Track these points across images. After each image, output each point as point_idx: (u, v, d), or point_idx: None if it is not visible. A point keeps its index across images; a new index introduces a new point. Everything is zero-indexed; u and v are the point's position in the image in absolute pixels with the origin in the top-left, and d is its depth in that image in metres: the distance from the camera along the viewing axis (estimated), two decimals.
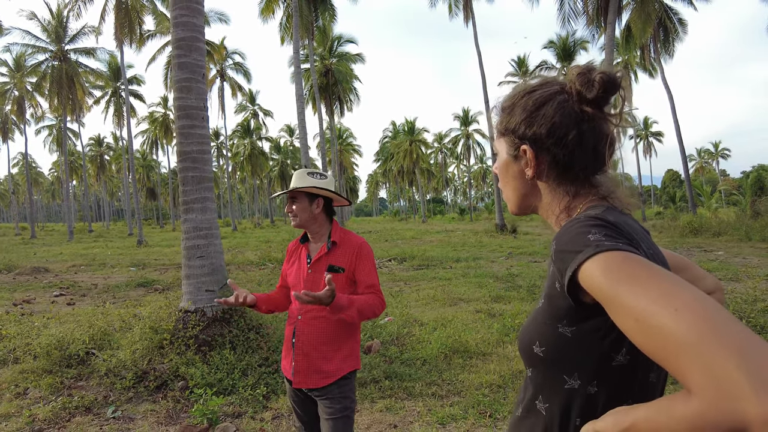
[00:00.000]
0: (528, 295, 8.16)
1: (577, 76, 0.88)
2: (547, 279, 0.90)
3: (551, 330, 0.85)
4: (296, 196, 2.27)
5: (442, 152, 67.76)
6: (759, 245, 15.53)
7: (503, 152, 0.98)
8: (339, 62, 32.24)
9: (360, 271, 2.22)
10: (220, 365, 4.43)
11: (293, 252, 2.42)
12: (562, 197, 0.93)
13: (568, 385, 0.85)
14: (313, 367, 2.19)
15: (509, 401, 3.92)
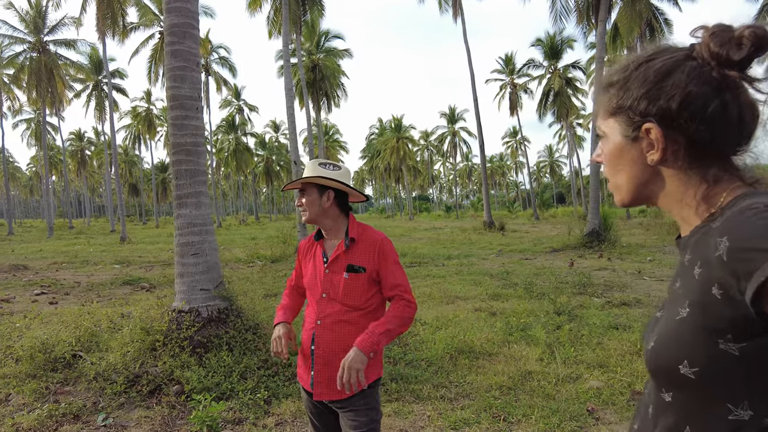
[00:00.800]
0: (525, 293, 8.05)
1: (712, 36, 0.71)
2: (688, 282, 0.73)
3: (709, 347, 0.68)
4: (306, 188, 2.08)
5: (428, 150, 67.78)
6: None
7: (615, 134, 0.81)
8: (326, 57, 31.89)
9: (384, 270, 2.04)
10: (217, 368, 4.21)
11: (307, 250, 2.21)
12: (699, 183, 0.75)
13: (733, 416, 0.68)
14: (335, 377, 2.00)
15: (521, 404, 3.78)
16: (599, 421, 3.50)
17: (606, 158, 0.84)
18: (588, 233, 16.25)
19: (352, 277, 2.01)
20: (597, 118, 0.86)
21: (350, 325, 2.00)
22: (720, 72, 0.71)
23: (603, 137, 0.85)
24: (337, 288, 2.01)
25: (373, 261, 2.03)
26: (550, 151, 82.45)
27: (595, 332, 5.46)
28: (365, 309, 2.03)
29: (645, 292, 8.00)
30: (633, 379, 4.15)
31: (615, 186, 0.85)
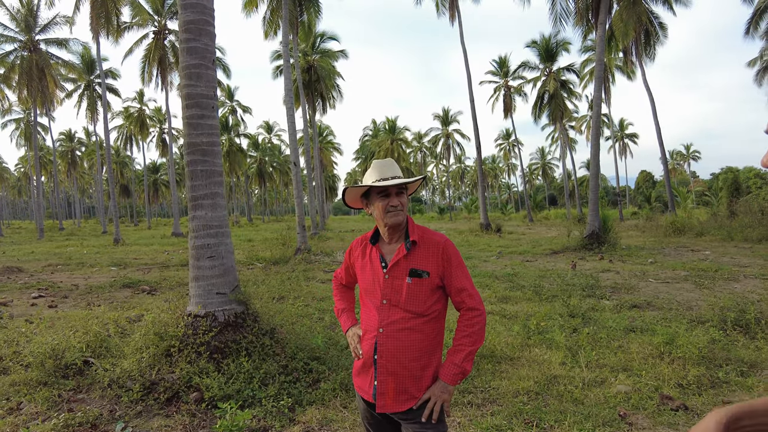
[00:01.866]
0: (534, 295, 8.00)
1: None
2: None
3: None
4: (403, 189, 1.99)
5: (421, 151, 67.74)
6: (742, 245, 15.81)
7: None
8: (322, 59, 31.76)
9: (449, 275, 1.95)
10: (237, 374, 4.10)
11: (361, 252, 2.11)
12: None
13: None
14: (401, 388, 1.90)
15: (551, 409, 3.71)
16: (633, 426, 3.44)
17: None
18: (588, 235, 16.27)
19: (415, 282, 1.91)
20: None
21: (415, 332, 1.91)
22: None
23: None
24: (399, 294, 1.92)
25: (436, 264, 1.93)
26: (542, 153, 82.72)
27: (613, 335, 5.41)
28: (429, 315, 1.94)
29: (653, 294, 7.98)
30: (659, 383, 4.10)
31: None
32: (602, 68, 16.24)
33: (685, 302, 7.23)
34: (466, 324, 1.92)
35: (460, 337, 1.91)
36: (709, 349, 4.65)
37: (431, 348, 1.94)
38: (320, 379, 4.28)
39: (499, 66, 43.89)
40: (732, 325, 5.39)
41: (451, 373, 1.86)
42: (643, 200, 58.22)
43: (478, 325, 1.92)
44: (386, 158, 2.13)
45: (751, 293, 7.21)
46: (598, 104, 16.47)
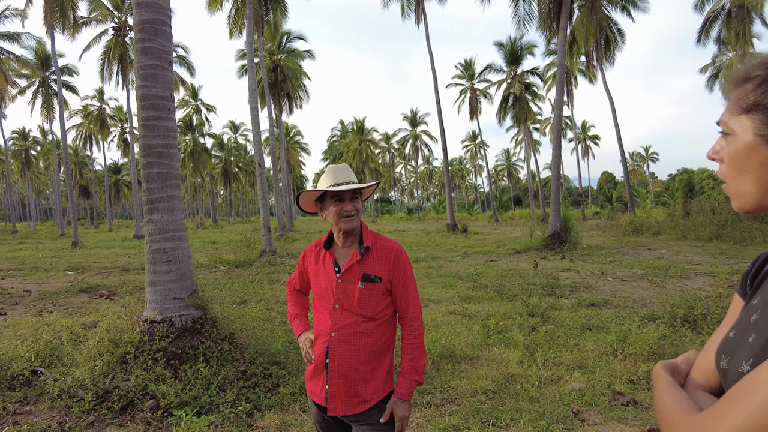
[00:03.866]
0: (496, 295, 8.15)
1: None
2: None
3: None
4: (358, 194, 2.01)
5: (390, 152, 67.97)
6: (694, 243, 16.52)
7: (746, 133, 0.76)
8: (288, 58, 31.48)
9: (398, 284, 1.99)
10: (194, 380, 4.02)
11: (315, 257, 2.12)
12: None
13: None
14: (351, 391, 1.93)
15: (508, 408, 3.79)
16: (585, 422, 3.55)
17: (730, 158, 0.80)
18: (550, 235, 16.65)
19: (367, 286, 1.95)
20: (725, 114, 0.82)
21: (366, 336, 1.94)
22: None
23: (729, 135, 0.80)
24: (351, 298, 1.95)
25: (388, 270, 1.97)
26: (508, 155, 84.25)
27: (570, 334, 5.56)
28: (380, 319, 1.97)
29: (610, 292, 8.24)
30: (612, 380, 4.24)
31: (736, 190, 0.80)
32: (564, 72, 16.68)
33: (640, 300, 7.50)
34: (412, 335, 1.98)
35: (411, 349, 1.97)
36: (659, 345, 4.85)
37: (381, 351, 1.98)
38: (280, 384, 4.25)
39: (465, 69, 44.50)
40: (681, 322, 5.63)
41: (406, 389, 1.94)
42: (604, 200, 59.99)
43: (421, 339, 2.00)
44: (341, 163, 2.13)
45: (699, 290, 7.54)
46: (560, 107, 16.89)
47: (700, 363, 0.94)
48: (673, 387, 0.87)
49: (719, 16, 28.90)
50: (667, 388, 0.87)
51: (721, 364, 0.83)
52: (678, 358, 0.97)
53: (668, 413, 0.80)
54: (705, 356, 0.93)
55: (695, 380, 0.92)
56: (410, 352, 1.97)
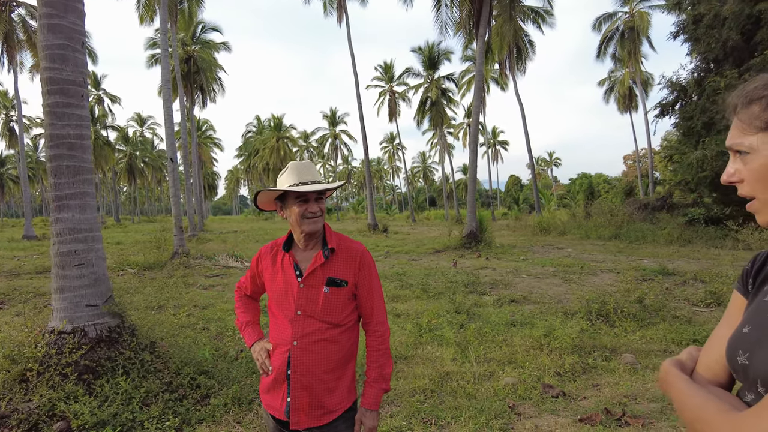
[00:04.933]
0: (422, 293, 8.28)
1: None
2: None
3: None
4: (323, 195, 1.88)
5: (308, 151, 67.10)
6: (596, 242, 17.97)
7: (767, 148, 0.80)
8: (202, 50, 29.95)
9: (363, 286, 1.90)
10: (113, 396, 3.64)
11: (271, 260, 1.97)
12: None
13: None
14: (316, 402, 1.81)
15: (447, 406, 3.83)
16: (521, 416, 3.68)
17: (755, 174, 0.82)
18: (466, 235, 17.29)
19: (332, 291, 1.84)
20: (736, 136, 0.84)
21: (331, 343, 1.83)
22: None
23: (748, 154, 0.83)
24: (315, 304, 1.83)
25: (354, 273, 1.88)
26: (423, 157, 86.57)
27: (497, 330, 5.77)
28: (345, 325, 1.87)
29: (527, 289, 8.69)
30: (541, 373, 4.45)
31: (764, 203, 0.83)
32: (481, 78, 17.40)
33: (556, 296, 7.98)
34: (378, 341, 1.92)
35: (377, 356, 1.91)
36: (579, 338, 5.16)
37: (346, 359, 1.89)
38: (210, 395, 3.98)
39: (384, 71, 45.05)
40: (596, 316, 6.06)
41: (374, 398, 1.88)
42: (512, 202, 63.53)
43: (388, 344, 1.94)
44: (305, 160, 2.00)
45: (609, 286, 8.18)
46: (477, 112, 17.61)
47: (705, 359, 0.96)
48: (697, 386, 0.88)
49: (614, 36, 31.74)
50: (690, 387, 0.88)
51: (740, 360, 0.85)
52: (681, 354, 1.00)
53: (701, 412, 0.81)
54: (709, 352, 0.96)
55: (702, 375, 0.95)
56: (376, 359, 1.90)
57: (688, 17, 18.96)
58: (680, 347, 5.05)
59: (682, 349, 4.94)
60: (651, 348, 5.06)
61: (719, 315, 6.31)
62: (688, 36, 19.17)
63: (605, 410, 3.60)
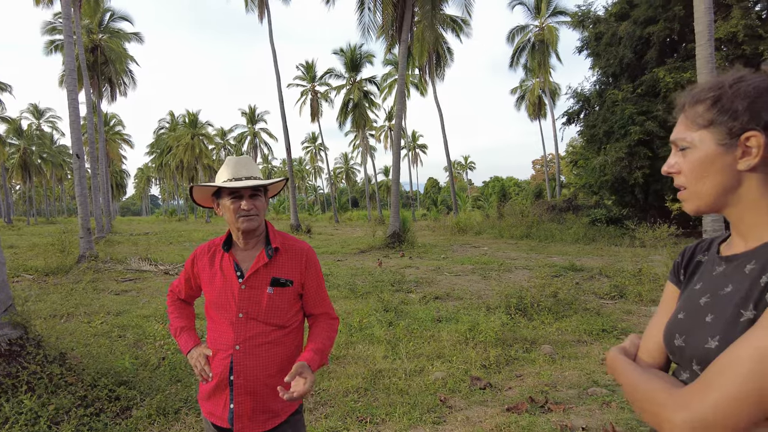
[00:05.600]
0: (350, 293, 8.29)
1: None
2: (748, 288, 0.84)
3: None
4: (259, 191, 1.81)
5: (226, 149, 64.71)
6: (509, 241, 18.99)
7: (707, 144, 0.90)
8: (111, 39, 27.86)
9: (311, 286, 1.88)
10: (15, 417, 3.30)
11: (209, 260, 1.89)
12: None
13: None
14: (260, 407, 1.76)
15: (381, 403, 3.88)
16: (452, 408, 3.81)
17: (691, 167, 0.92)
18: (390, 235, 17.57)
19: (277, 292, 1.79)
20: (680, 132, 0.94)
21: (276, 346, 1.78)
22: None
23: (688, 148, 0.92)
24: (259, 306, 1.77)
25: (300, 273, 1.84)
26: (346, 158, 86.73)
27: (425, 326, 5.93)
28: (290, 327, 1.84)
29: (450, 286, 8.99)
30: (468, 366, 4.63)
31: (695, 193, 0.93)
32: (403, 82, 17.75)
33: (476, 292, 8.34)
34: (330, 328, 1.89)
35: (325, 336, 1.84)
36: (501, 331, 5.44)
37: (291, 360, 1.84)
38: (131, 407, 3.73)
39: (306, 70, 44.57)
40: (515, 310, 6.41)
41: (318, 362, 1.75)
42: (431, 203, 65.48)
43: (336, 331, 1.93)
44: (243, 155, 1.93)
45: (525, 282, 8.67)
46: (400, 116, 17.95)
47: (645, 344, 1.07)
48: (642, 369, 0.98)
49: (526, 47, 33.72)
50: (636, 371, 0.97)
51: (677, 343, 0.95)
52: (625, 342, 1.10)
53: (650, 393, 0.89)
54: (649, 339, 1.07)
55: (643, 359, 1.05)
56: (325, 337, 1.84)
57: (591, 34, 20.61)
58: (591, 337, 5.49)
59: (594, 338, 5.37)
60: (566, 339, 5.45)
61: (623, 306, 6.95)
62: (591, 51, 20.84)
63: (530, 399, 3.82)
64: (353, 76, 40.82)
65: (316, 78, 44.19)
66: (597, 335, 5.55)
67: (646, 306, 6.98)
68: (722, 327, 0.85)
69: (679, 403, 0.82)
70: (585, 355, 4.94)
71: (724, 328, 0.85)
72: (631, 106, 17.02)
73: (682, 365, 0.94)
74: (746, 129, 0.85)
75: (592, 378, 4.28)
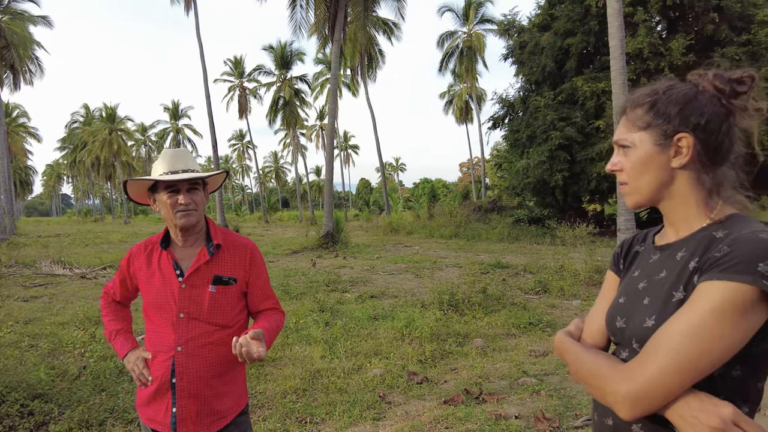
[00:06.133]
0: (284, 294, 8.17)
1: (715, 77, 0.96)
2: (680, 272, 0.94)
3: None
4: (197, 185, 1.73)
5: (146, 145, 61.25)
6: (439, 240, 19.51)
7: (645, 144, 0.99)
8: (13, 21, 25.46)
9: (257, 283, 1.84)
10: None
11: (146, 259, 1.80)
12: (700, 189, 0.97)
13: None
14: (205, 410, 1.70)
15: (320, 403, 3.86)
16: (391, 404, 3.86)
17: (632, 165, 1.01)
18: (323, 235, 17.45)
19: (219, 290, 1.74)
20: (622, 133, 1.03)
21: (220, 346, 1.73)
22: (728, 101, 0.95)
23: (628, 147, 1.02)
24: (201, 305, 1.71)
25: (245, 270, 1.80)
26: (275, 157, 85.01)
27: (362, 325, 5.96)
28: (234, 326, 1.79)
29: (385, 285, 9.10)
30: (405, 362, 4.72)
31: (635, 189, 1.02)
32: (336, 82, 17.70)
33: (410, 290, 8.49)
34: (278, 319, 1.86)
35: (273, 325, 1.79)
36: (436, 327, 5.58)
37: (236, 361, 1.79)
38: (48, 421, 3.44)
39: (234, 66, 43.25)
40: (447, 306, 6.60)
41: (269, 340, 1.67)
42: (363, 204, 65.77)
43: (283, 323, 1.90)
44: (179, 147, 1.86)
45: (456, 279, 8.95)
46: (333, 115, 17.88)
47: (588, 327, 1.16)
48: (587, 349, 1.07)
49: (455, 53, 34.76)
50: (582, 351, 1.06)
51: (618, 324, 1.05)
52: (569, 326, 1.19)
53: (596, 369, 0.98)
54: (592, 322, 1.16)
55: (586, 341, 1.14)
56: (276, 327, 1.80)
57: (515, 43, 21.65)
58: (519, 330, 5.77)
59: (522, 331, 5.65)
60: (496, 332, 5.70)
61: (547, 301, 7.37)
62: (515, 59, 21.88)
63: (465, 391, 3.96)
64: (283, 74, 40.15)
65: (244, 74, 42.99)
66: (524, 328, 5.85)
67: (568, 300, 7.46)
68: (657, 308, 0.95)
69: (622, 377, 0.90)
70: (514, 348, 5.19)
71: (659, 308, 0.94)
72: (552, 113, 18.06)
73: (623, 345, 1.03)
74: (678, 131, 0.95)
75: (522, 369, 4.51)
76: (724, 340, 0.81)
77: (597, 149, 16.89)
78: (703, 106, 0.94)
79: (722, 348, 0.81)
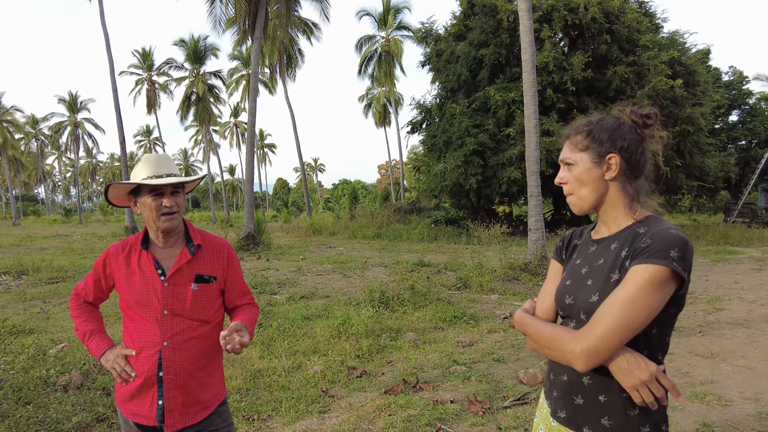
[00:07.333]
0: None
1: (632, 112, 1.30)
2: (614, 259, 1.26)
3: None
4: (180, 188, 1.82)
5: (38, 139, 55.75)
6: (362, 241, 19.85)
7: (585, 162, 1.30)
8: None
9: (234, 280, 1.98)
10: None
11: (124, 260, 1.86)
12: (626, 196, 1.31)
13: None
14: (190, 400, 1.81)
15: (265, 400, 3.95)
16: (335, 398, 4.05)
17: (575, 178, 1.33)
18: (244, 237, 17.08)
19: (201, 288, 1.85)
20: (566, 153, 1.34)
21: (202, 340, 1.85)
22: (641, 130, 1.30)
23: (572, 164, 1.33)
24: (183, 302, 1.81)
25: (223, 268, 1.92)
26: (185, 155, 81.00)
27: (297, 324, 6.06)
28: (214, 321, 1.91)
29: (314, 285, 9.20)
30: (344, 358, 4.92)
31: (579, 198, 1.33)
32: (257, 79, 17.42)
33: (341, 289, 8.68)
34: (254, 313, 2.00)
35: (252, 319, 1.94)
36: (370, 323, 5.84)
37: (216, 354, 1.94)
38: None
39: (143, 58, 40.75)
40: (379, 303, 6.88)
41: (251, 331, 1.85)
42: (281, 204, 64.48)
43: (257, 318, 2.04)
44: (161, 153, 1.95)
45: (386, 277, 9.27)
46: (253, 113, 17.55)
47: (541, 305, 1.47)
48: (544, 322, 1.36)
49: (373, 57, 35.35)
50: (540, 323, 1.35)
51: (567, 301, 1.35)
52: (524, 305, 1.50)
53: (557, 335, 1.27)
54: (543, 301, 1.47)
55: (540, 316, 1.44)
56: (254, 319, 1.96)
57: (432, 51, 22.55)
58: (446, 323, 6.19)
59: (448, 324, 6.06)
60: (426, 326, 6.07)
61: (468, 296, 7.90)
62: (432, 66, 22.79)
63: (403, 381, 4.25)
64: (196, 68, 38.50)
65: (153, 67, 40.63)
66: (450, 321, 6.28)
67: (487, 294, 8.05)
68: (600, 286, 1.26)
69: (578, 339, 1.20)
70: (443, 339, 5.58)
71: (601, 287, 1.26)
72: (467, 120, 19.05)
73: (571, 317, 1.34)
74: (609, 152, 1.29)
75: (452, 358, 4.89)
76: (649, 307, 1.13)
77: (507, 155, 18.06)
78: (625, 134, 1.29)
79: (648, 313, 1.13)
